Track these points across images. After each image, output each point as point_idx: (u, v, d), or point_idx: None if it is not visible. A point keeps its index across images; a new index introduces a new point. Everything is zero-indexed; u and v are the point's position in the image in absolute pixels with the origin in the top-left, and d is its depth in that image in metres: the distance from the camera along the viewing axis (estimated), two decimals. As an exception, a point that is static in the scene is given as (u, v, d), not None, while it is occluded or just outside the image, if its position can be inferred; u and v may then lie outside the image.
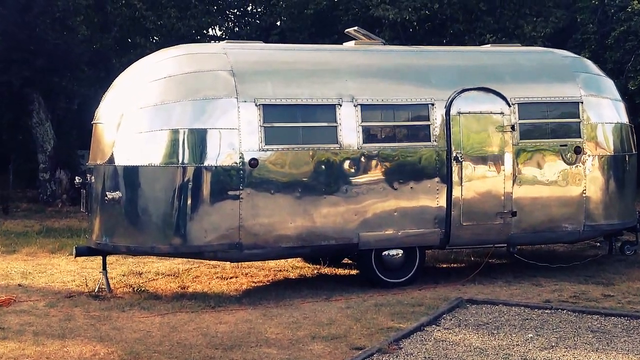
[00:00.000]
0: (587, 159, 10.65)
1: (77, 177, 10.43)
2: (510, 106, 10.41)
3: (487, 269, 10.80)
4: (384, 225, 9.95)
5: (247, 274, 11.12)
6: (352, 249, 10.03)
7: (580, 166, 10.61)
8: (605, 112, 10.91)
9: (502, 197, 10.37)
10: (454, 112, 10.18)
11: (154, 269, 11.59)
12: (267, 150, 9.44)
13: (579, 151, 10.59)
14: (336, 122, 9.75)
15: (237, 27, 26.62)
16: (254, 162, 9.37)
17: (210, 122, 9.38)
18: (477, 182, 10.28)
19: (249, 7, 27.61)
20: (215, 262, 11.29)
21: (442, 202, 10.14)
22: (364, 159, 9.82)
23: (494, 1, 20.45)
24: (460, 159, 10.14)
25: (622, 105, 11.25)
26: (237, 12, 27.63)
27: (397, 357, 7.18)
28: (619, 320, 8.40)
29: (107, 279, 10.11)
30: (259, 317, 8.75)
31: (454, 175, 10.14)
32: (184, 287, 10.39)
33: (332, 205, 9.71)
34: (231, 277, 10.93)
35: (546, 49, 11.71)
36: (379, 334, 7.92)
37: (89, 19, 21.31)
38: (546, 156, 10.59)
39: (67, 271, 11.56)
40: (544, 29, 19.05)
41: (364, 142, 9.83)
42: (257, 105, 9.44)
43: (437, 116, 10.14)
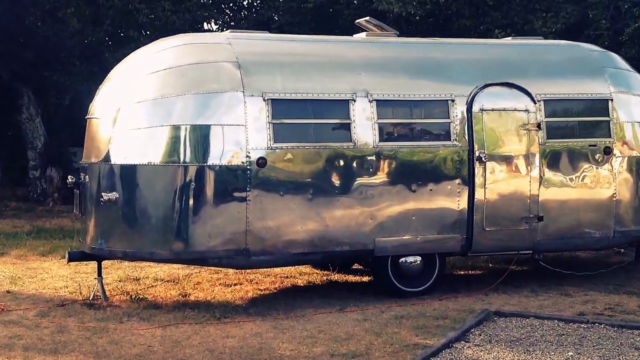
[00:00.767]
0: (617, 160, 9.95)
1: (70, 177, 9.64)
2: (535, 103, 9.70)
3: (509, 277, 10.09)
4: (401, 230, 9.24)
5: (252, 281, 10.39)
6: (367, 255, 9.31)
7: (610, 168, 9.91)
8: (635, 110, 10.20)
9: (528, 201, 9.67)
10: (476, 108, 9.47)
11: (152, 274, 10.86)
12: (276, 148, 8.71)
13: (608, 152, 9.89)
14: (350, 118, 9.02)
15: (234, 22, 25.82)
16: (261, 162, 8.64)
17: (214, 117, 8.64)
18: (501, 185, 9.57)
19: (246, 1, 26.85)
20: (217, 268, 10.53)
21: (464, 206, 9.43)
22: (379, 158, 9.11)
23: (502, -5, 19.76)
24: (483, 159, 9.43)
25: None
26: (234, 6, 26.85)
27: (427, 379, 6.48)
28: (662, 335, 7.72)
29: (102, 286, 9.36)
30: (269, 330, 8.02)
31: (476, 176, 9.43)
32: (185, 294, 9.65)
33: (346, 208, 8.99)
34: (235, 284, 10.20)
35: (571, 42, 10.99)
36: (404, 351, 7.20)
37: (80, 12, 20.49)
38: (574, 157, 9.88)
39: (59, 276, 10.81)
40: (554, 24, 18.34)
41: (379, 141, 9.11)
42: (265, 99, 8.71)
43: (457, 113, 9.43)
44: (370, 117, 9.06)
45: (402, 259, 9.44)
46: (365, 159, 9.03)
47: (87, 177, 9.24)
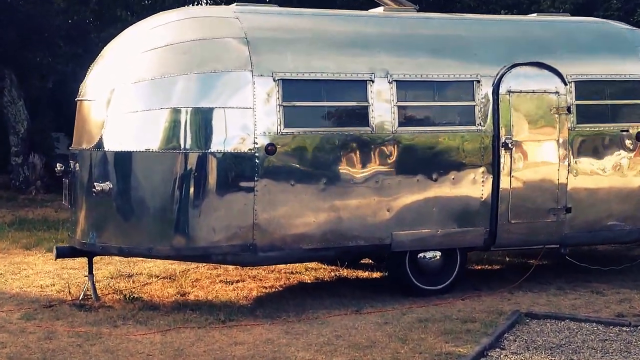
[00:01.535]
0: (649, 147, 9.22)
1: (59, 164, 8.74)
2: (566, 84, 8.93)
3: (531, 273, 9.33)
4: (421, 222, 8.47)
5: (255, 277, 9.58)
6: (384, 250, 8.52)
7: (642, 155, 9.18)
8: (670, 92, 9.45)
9: (556, 191, 8.91)
10: (503, 90, 8.68)
11: (146, 270, 10.02)
12: (287, 134, 7.89)
13: (641, 138, 9.17)
14: (367, 101, 8.21)
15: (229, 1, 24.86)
16: (271, 148, 7.82)
17: (219, 100, 7.80)
18: (528, 173, 8.81)
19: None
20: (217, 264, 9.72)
21: (488, 196, 8.66)
22: (399, 144, 8.31)
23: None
24: (509, 145, 8.65)
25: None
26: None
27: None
28: None
29: (93, 285, 8.53)
30: (280, 335, 7.23)
31: (502, 164, 8.66)
32: (183, 293, 8.84)
33: (362, 199, 8.20)
34: (237, 281, 9.39)
35: (600, 19, 10.22)
36: (436, 361, 6.45)
37: (66, -12, 19.59)
38: (605, 143, 9.15)
39: (45, 272, 9.97)
40: (562, 4, 17.53)
41: (399, 125, 8.31)
42: (275, 80, 7.87)
43: (483, 95, 8.64)
44: (389, 99, 8.25)
45: (421, 255, 8.68)
46: (383, 145, 8.24)
47: (77, 165, 8.39)
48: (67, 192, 8.72)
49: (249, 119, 7.78)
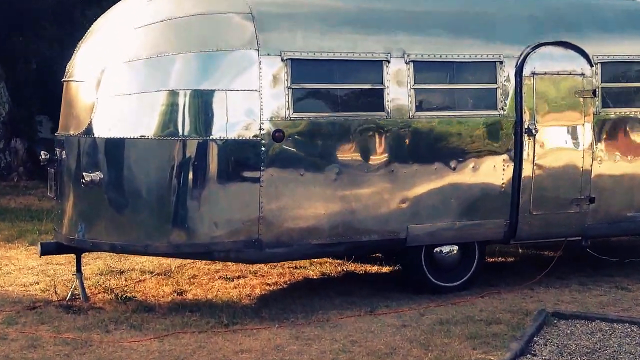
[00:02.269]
0: (677, 133, 8.62)
1: (43, 152, 8.01)
2: (592, 66, 8.30)
3: (545, 266, 8.70)
4: (438, 215, 7.84)
5: (256, 273, 8.92)
6: (398, 245, 7.87)
7: (669, 142, 8.58)
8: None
9: (580, 180, 8.32)
10: (527, 72, 8.03)
11: (139, 266, 9.34)
12: (296, 119, 7.22)
13: (668, 123, 8.58)
14: (383, 83, 7.54)
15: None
16: (278, 135, 7.14)
17: (221, 81, 7.10)
18: (551, 161, 8.20)
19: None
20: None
21: (508, 186, 8.05)
22: (415, 130, 7.66)
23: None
24: (533, 131, 8.02)
25: None
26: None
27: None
28: None
29: (82, 284, 7.84)
30: (290, 340, 6.58)
31: (525, 152, 8.04)
32: (180, 291, 8.17)
33: (376, 189, 7.55)
34: (238, 277, 8.74)
35: (629, -4, 9.61)
36: (468, 372, 5.82)
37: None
38: (630, 128, 8.59)
39: (28, 268, 9.26)
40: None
41: (416, 110, 7.65)
42: (283, 60, 7.18)
43: (505, 77, 8.00)
44: (406, 81, 7.59)
45: (437, 249, 8.07)
46: (399, 131, 7.58)
47: (63, 152, 7.67)
48: (53, 182, 8.00)
49: (254, 103, 7.09)
